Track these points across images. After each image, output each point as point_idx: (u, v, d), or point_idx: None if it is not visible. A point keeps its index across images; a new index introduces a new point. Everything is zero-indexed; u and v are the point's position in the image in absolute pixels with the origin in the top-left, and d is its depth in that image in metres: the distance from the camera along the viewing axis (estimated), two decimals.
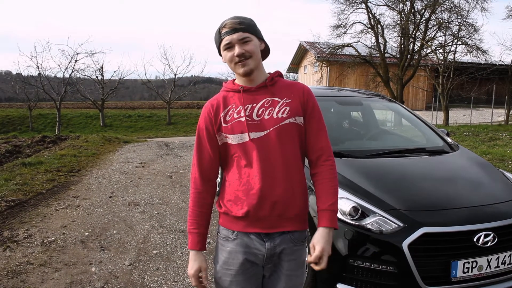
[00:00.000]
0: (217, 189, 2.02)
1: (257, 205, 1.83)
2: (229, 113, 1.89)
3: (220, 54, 1.93)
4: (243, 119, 1.86)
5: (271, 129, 1.85)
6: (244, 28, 1.85)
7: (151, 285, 3.59)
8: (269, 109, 1.87)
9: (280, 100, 1.89)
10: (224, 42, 1.86)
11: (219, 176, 2.01)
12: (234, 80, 1.98)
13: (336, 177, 1.92)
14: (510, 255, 2.90)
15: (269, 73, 1.97)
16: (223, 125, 1.88)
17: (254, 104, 1.88)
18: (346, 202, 2.96)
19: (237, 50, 1.83)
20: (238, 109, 1.88)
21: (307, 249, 2.12)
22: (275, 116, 1.86)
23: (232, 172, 1.90)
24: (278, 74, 1.97)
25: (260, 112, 1.87)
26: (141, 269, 3.88)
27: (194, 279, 1.89)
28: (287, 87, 1.94)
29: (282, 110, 1.87)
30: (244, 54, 1.83)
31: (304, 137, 1.92)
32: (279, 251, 1.88)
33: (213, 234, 4.47)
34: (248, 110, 1.87)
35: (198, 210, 1.93)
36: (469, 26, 18.93)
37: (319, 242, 1.79)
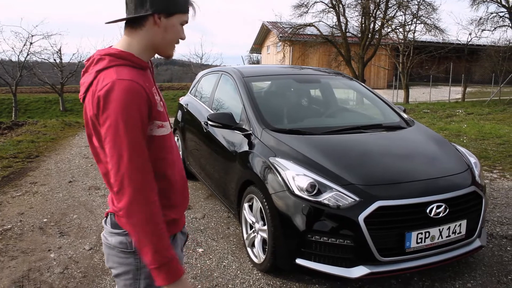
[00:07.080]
0: None
1: (186, 202, 1.70)
2: (155, 95, 1.51)
3: (161, 12, 1.46)
4: (161, 104, 1.55)
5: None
6: None
7: None
8: (160, 95, 1.59)
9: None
10: (185, 17, 1.53)
11: None
12: (122, 51, 1.49)
13: None
14: (460, 225, 3.03)
15: None
16: (160, 109, 1.50)
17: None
18: (303, 179, 2.99)
19: (184, 35, 1.57)
20: (153, 91, 1.51)
21: None
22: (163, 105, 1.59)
23: (162, 172, 1.54)
24: None
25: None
26: (102, 253, 3.81)
27: None
28: None
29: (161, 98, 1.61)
30: None
31: None
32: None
33: None
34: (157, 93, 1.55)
35: (164, 227, 1.45)
36: (427, 6, 19.41)
37: None
